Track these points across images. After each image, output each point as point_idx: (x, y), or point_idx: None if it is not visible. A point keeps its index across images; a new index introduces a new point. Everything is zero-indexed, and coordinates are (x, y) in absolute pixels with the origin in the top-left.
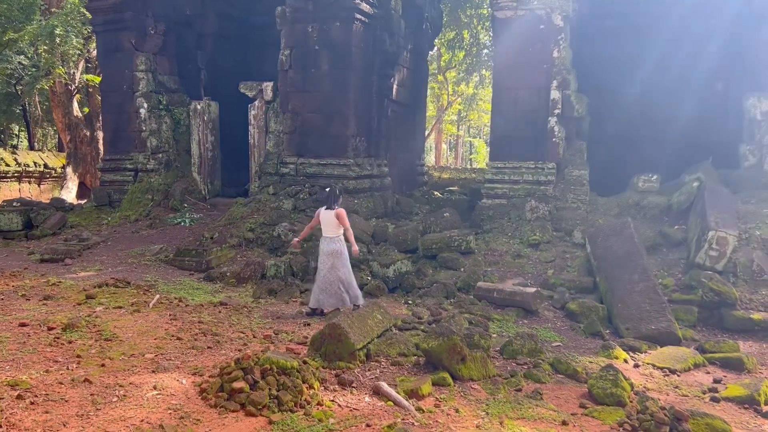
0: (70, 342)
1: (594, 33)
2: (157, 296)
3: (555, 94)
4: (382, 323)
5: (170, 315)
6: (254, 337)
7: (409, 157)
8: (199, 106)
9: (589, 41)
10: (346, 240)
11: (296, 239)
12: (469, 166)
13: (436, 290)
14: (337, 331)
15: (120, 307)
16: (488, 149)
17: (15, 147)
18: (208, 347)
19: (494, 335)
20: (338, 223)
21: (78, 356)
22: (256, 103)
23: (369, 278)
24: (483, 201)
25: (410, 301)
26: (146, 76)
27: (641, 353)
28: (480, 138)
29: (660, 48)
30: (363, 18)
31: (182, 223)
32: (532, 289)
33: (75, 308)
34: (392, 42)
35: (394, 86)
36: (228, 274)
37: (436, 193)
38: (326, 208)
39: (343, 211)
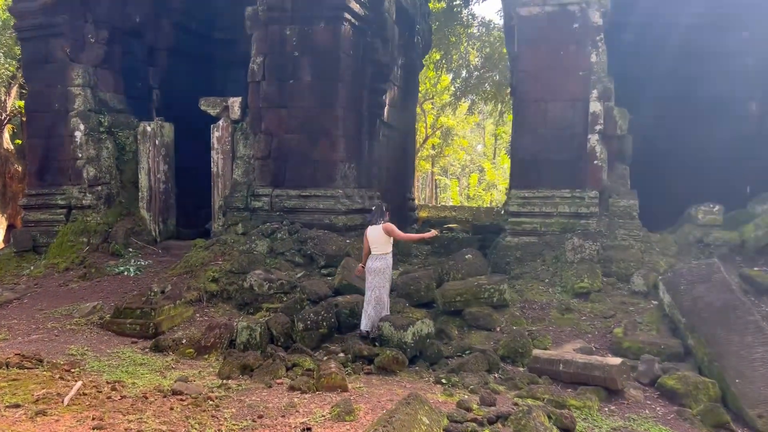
0: None
1: (620, 44)
2: (80, 383)
3: (595, 107)
4: (431, 430)
5: (95, 419)
6: None
7: (400, 189)
8: (149, 128)
9: (614, 53)
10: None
11: (360, 266)
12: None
13: (474, 361)
14: None
15: (17, 406)
16: (509, 175)
17: None
18: None
19: None
20: (387, 239)
21: None
22: (221, 122)
23: (376, 344)
24: (507, 239)
25: (443, 379)
26: (84, 92)
27: None
28: (446, 177)
29: (700, 62)
30: (352, 19)
31: (126, 273)
32: (616, 360)
33: None
34: (385, 51)
35: (386, 106)
36: (184, 341)
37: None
38: (372, 224)
39: (390, 224)
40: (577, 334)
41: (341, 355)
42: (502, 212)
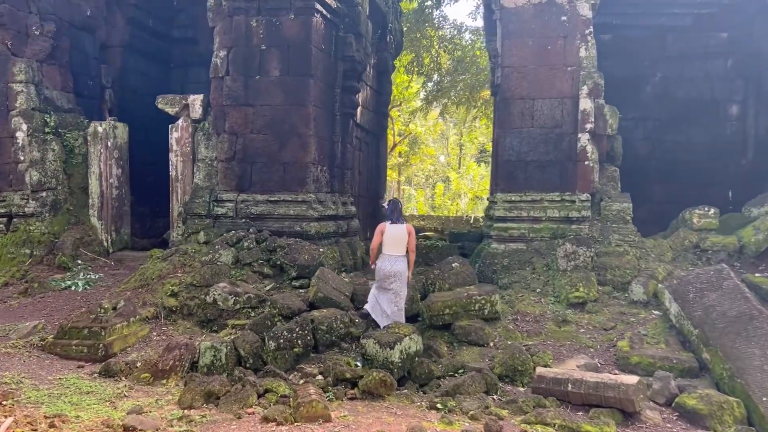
0: None
1: (598, 45)
2: (11, 419)
3: (586, 104)
4: None
5: None
6: None
7: (373, 195)
8: (100, 129)
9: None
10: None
11: (372, 264)
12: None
13: (470, 382)
14: None
15: None
16: (492, 177)
17: None
18: None
19: None
20: (407, 241)
21: None
22: (180, 122)
23: (358, 364)
24: (493, 246)
25: (438, 404)
26: (27, 89)
27: None
28: (410, 187)
29: (680, 64)
30: (324, 12)
31: (73, 287)
32: (632, 379)
33: None
34: (359, 47)
35: (359, 106)
36: (139, 364)
37: None
38: (392, 223)
39: (413, 228)
40: (578, 349)
41: (320, 377)
42: (486, 217)
